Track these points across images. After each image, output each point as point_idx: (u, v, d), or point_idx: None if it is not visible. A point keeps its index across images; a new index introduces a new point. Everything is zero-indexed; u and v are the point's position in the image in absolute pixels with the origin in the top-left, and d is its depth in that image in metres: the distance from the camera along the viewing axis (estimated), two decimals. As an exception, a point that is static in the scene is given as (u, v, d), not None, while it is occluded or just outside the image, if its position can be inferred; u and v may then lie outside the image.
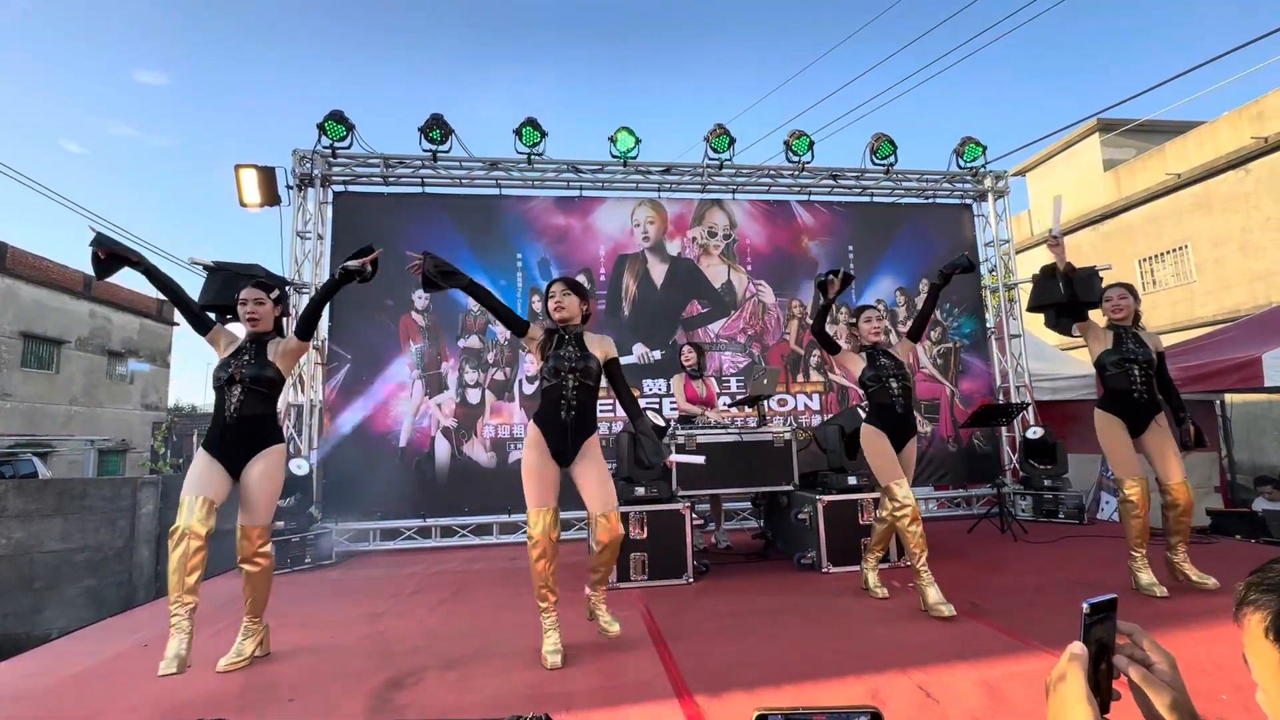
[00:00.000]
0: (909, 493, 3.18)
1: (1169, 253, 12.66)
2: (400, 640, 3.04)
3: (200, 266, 4.44)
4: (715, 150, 6.37)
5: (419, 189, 6.28)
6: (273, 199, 5.70)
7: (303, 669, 2.69)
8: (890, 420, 3.30)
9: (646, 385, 6.19)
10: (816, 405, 6.44)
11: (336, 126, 5.76)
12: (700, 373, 5.00)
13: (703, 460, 3.25)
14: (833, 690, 2.28)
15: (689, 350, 5.00)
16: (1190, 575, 3.33)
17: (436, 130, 5.91)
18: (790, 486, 4.39)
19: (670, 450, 3.27)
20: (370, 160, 6.10)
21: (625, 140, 6.18)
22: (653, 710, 2.17)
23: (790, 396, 6.42)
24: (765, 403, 4.97)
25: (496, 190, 6.39)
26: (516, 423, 5.95)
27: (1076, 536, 4.99)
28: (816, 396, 6.47)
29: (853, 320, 3.54)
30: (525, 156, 6.11)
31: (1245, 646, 0.68)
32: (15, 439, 13.70)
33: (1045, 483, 5.81)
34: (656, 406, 6.05)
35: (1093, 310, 3.75)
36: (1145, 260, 13.11)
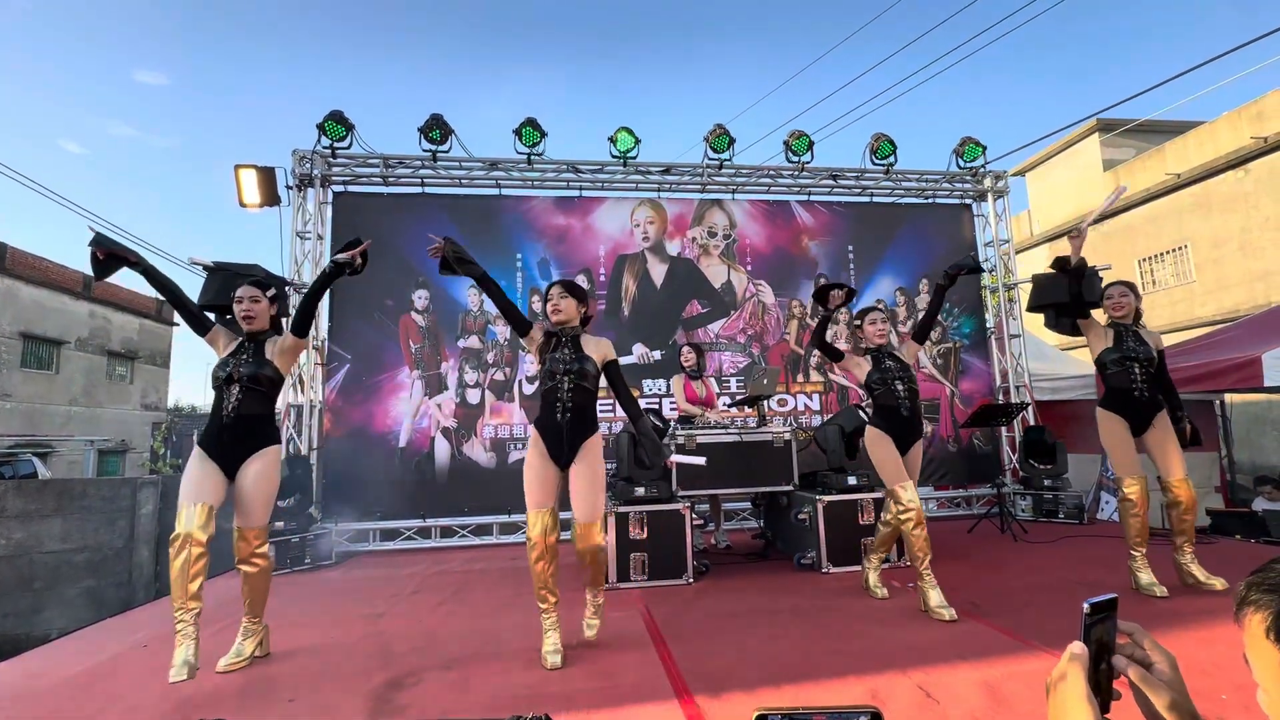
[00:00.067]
0: (914, 496, 3.16)
1: (1169, 253, 12.68)
2: (400, 640, 3.03)
3: (200, 267, 4.43)
4: (715, 150, 6.37)
5: (419, 189, 6.28)
6: (272, 199, 5.70)
7: (302, 669, 2.69)
8: (896, 423, 3.27)
9: (646, 385, 6.18)
10: (816, 405, 6.44)
11: (336, 127, 5.76)
12: (700, 373, 5.00)
13: (704, 461, 3.25)
14: (833, 690, 2.28)
15: (688, 351, 4.99)
16: (1198, 576, 3.28)
17: (436, 130, 5.91)
18: (790, 487, 4.39)
19: (670, 450, 3.27)
20: (370, 160, 6.10)
21: (625, 140, 6.18)
22: (653, 710, 2.17)
23: (790, 396, 6.42)
24: (765, 403, 4.96)
25: (496, 190, 6.39)
26: (516, 423, 5.95)
27: (1076, 536, 4.99)
28: (816, 396, 6.47)
29: (856, 322, 3.51)
30: (525, 156, 6.11)
31: (1246, 646, 0.68)
32: (15, 439, 13.71)
33: (1045, 483, 5.81)
34: (656, 407, 6.05)
35: (1094, 309, 3.75)
36: (1145, 260, 13.13)
